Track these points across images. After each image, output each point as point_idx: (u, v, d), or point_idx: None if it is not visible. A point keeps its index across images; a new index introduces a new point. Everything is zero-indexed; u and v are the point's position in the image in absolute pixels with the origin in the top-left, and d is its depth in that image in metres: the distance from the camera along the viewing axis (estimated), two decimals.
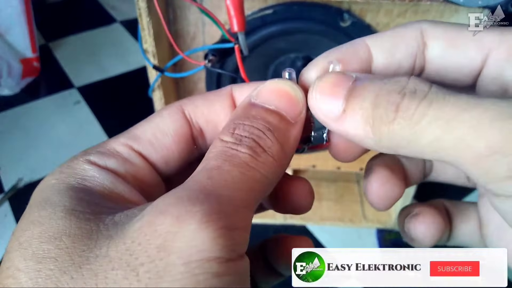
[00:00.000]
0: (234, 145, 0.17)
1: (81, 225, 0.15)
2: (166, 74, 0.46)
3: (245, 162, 0.16)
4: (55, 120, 0.85)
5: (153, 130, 0.20)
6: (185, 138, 0.20)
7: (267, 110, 0.18)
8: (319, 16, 0.49)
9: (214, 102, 0.21)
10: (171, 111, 0.20)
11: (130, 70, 0.96)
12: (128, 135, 0.20)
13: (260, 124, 0.18)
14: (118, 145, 0.19)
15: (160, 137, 0.20)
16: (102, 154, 0.19)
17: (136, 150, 0.19)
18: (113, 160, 0.19)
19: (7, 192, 0.70)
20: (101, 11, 1.17)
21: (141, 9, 0.41)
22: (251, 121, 0.18)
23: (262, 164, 0.17)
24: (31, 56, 0.93)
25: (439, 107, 0.15)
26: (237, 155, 0.17)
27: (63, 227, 0.15)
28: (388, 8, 0.49)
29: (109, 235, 0.15)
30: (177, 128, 0.20)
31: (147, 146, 0.20)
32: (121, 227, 0.15)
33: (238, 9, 0.36)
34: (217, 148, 0.17)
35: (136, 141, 0.19)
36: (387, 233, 0.66)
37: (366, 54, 0.20)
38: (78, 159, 0.18)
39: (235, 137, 0.17)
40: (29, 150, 0.78)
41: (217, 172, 0.16)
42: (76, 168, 0.18)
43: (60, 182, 0.17)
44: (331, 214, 0.68)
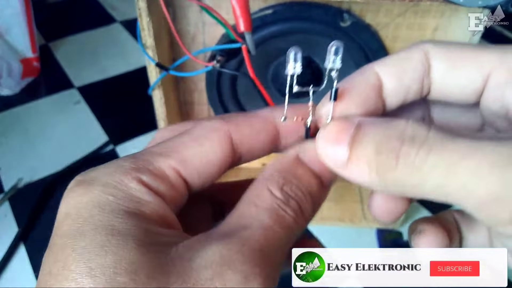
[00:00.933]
0: (283, 204, 0.18)
1: (152, 259, 0.15)
2: (171, 72, 0.45)
3: (290, 225, 0.18)
4: (55, 120, 0.85)
5: (201, 157, 0.20)
6: (227, 165, 0.21)
7: (311, 174, 0.20)
8: (319, 16, 0.49)
9: (260, 134, 0.21)
10: (222, 140, 0.20)
11: (130, 70, 0.96)
12: (177, 156, 0.19)
13: (304, 187, 0.19)
14: (168, 167, 0.19)
15: (208, 166, 0.20)
16: (154, 175, 0.18)
17: (183, 176, 0.20)
18: (164, 185, 0.19)
19: (7, 192, 0.70)
20: (101, 11, 1.17)
21: (141, 9, 0.41)
22: (298, 181, 0.19)
23: (299, 226, 0.19)
24: (31, 56, 0.93)
25: (439, 153, 0.16)
26: (284, 217, 0.18)
27: (137, 260, 0.15)
28: (388, 8, 0.49)
29: (178, 272, 0.15)
30: (224, 158, 0.20)
31: (194, 174, 0.20)
32: (188, 264, 0.16)
33: (244, 9, 0.36)
34: (268, 200, 0.18)
35: (185, 167, 0.19)
36: (387, 233, 0.66)
37: (377, 81, 0.21)
38: (131, 175, 0.18)
39: (284, 195, 0.19)
40: (29, 150, 0.78)
41: (271, 234, 0.18)
42: (131, 188, 0.18)
43: (119, 203, 0.17)
44: (331, 214, 0.68)
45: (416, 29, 0.51)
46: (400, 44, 0.53)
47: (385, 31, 0.51)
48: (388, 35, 0.52)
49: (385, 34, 0.52)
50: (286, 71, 0.21)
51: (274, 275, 0.17)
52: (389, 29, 0.51)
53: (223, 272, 0.15)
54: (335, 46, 0.21)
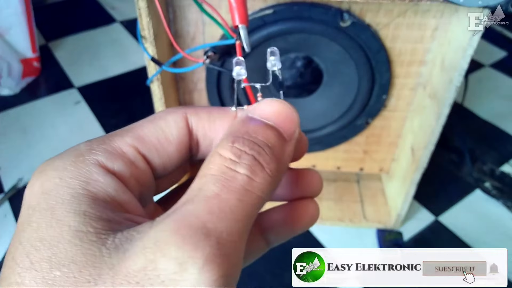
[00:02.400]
0: (233, 163, 0.17)
1: (85, 251, 0.15)
2: (164, 68, 0.45)
3: (243, 186, 0.16)
4: (55, 120, 0.85)
5: (158, 135, 0.19)
6: (185, 147, 0.20)
7: (266, 125, 0.18)
8: (319, 16, 0.49)
9: (216, 120, 0.21)
10: (177, 119, 0.20)
11: (130, 70, 0.96)
12: (133, 134, 0.19)
13: (260, 140, 0.18)
14: (124, 145, 0.19)
15: (165, 143, 0.20)
16: (109, 153, 0.18)
17: (141, 152, 0.19)
18: (120, 162, 0.18)
19: (7, 192, 0.70)
20: (101, 11, 1.17)
21: (141, 9, 0.41)
22: (250, 136, 0.18)
23: (259, 184, 0.17)
24: (31, 56, 0.93)
25: None
26: (235, 178, 0.16)
27: (70, 253, 0.15)
28: (388, 8, 0.49)
29: (112, 264, 0.15)
30: (181, 137, 0.20)
31: (152, 151, 0.19)
32: (123, 256, 0.15)
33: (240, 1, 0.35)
34: (216, 165, 0.17)
35: (142, 143, 0.19)
36: (387, 233, 0.66)
37: None
38: (84, 155, 0.18)
39: (234, 152, 0.17)
40: (29, 150, 0.78)
41: (216, 203, 0.16)
42: (81, 168, 0.17)
43: (64, 185, 0.17)
44: (331, 214, 0.68)
45: (416, 29, 0.51)
46: (400, 44, 0.53)
47: (385, 31, 0.51)
48: (388, 35, 0.52)
49: (385, 34, 0.52)
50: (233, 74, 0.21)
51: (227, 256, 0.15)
52: (389, 29, 0.51)
53: (157, 260, 0.14)
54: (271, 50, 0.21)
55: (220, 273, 0.14)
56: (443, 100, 0.50)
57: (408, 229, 0.67)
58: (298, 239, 0.72)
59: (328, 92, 0.59)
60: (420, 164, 0.56)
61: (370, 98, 0.58)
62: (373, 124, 0.62)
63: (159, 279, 0.14)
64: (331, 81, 0.58)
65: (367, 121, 0.61)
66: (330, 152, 0.65)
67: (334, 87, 0.58)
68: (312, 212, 0.22)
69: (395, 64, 0.55)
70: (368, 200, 0.71)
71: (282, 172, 0.18)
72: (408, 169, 0.60)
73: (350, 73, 0.55)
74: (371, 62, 0.54)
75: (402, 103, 0.59)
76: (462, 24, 0.46)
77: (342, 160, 0.67)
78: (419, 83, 0.56)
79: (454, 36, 0.48)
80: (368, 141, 0.64)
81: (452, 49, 0.48)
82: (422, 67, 0.55)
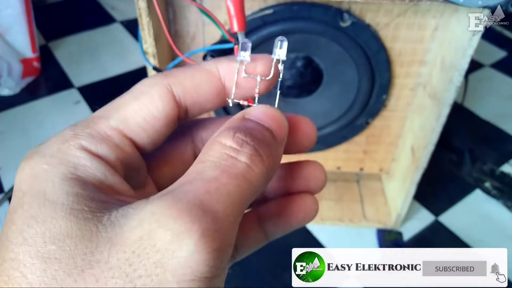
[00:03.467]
0: (235, 151, 0.17)
1: (81, 226, 0.15)
2: None
3: (243, 174, 0.17)
4: (55, 120, 0.85)
5: (143, 113, 0.19)
6: (173, 120, 0.20)
7: (263, 126, 0.19)
8: (319, 16, 0.49)
9: (202, 85, 0.20)
10: (162, 93, 0.20)
11: (130, 70, 0.96)
12: (118, 116, 0.19)
13: (259, 135, 0.18)
14: (109, 128, 0.19)
15: (152, 121, 0.19)
16: (93, 138, 0.18)
17: (126, 135, 0.19)
18: (105, 146, 0.18)
19: (7, 192, 0.70)
20: (101, 11, 1.17)
21: (141, 9, 0.41)
22: (251, 130, 0.18)
23: (256, 174, 0.17)
24: (31, 56, 0.93)
25: None
26: (235, 165, 0.17)
27: (65, 228, 0.15)
28: (388, 8, 0.49)
29: (109, 237, 0.15)
30: (167, 112, 0.20)
31: (138, 131, 0.19)
32: (120, 230, 0.15)
33: (238, 8, 0.36)
34: (216, 152, 0.17)
35: (127, 126, 0.19)
36: (387, 233, 0.66)
37: None
38: (69, 141, 0.18)
39: (236, 140, 0.17)
40: (29, 150, 0.78)
41: (214, 186, 0.16)
42: (67, 154, 0.17)
43: (53, 170, 0.17)
44: (331, 214, 0.68)
45: (416, 29, 0.51)
46: (400, 44, 0.53)
47: (385, 31, 0.51)
48: (388, 35, 0.52)
49: (385, 34, 0.52)
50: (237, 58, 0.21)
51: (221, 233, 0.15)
52: (389, 29, 0.51)
53: (153, 231, 0.15)
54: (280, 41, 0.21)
55: (214, 247, 0.15)
56: (443, 100, 0.50)
57: (408, 229, 0.67)
58: (298, 239, 0.72)
59: (328, 92, 0.59)
60: (420, 164, 0.56)
61: (370, 98, 0.58)
62: (373, 124, 0.62)
63: (155, 248, 0.14)
64: (331, 81, 0.58)
65: (367, 121, 0.61)
66: (330, 152, 0.65)
67: (334, 87, 0.58)
68: (309, 207, 0.22)
69: (395, 64, 0.55)
70: (368, 200, 0.71)
71: (275, 170, 0.19)
72: (408, 169, 0.60)
73: (350, 73, 0.55)
74: (371, 62, 0.54)
75: (402, 103, 0.59)
76: (462, 24, 0.46)
77: (342, 160, 0.67)
78: (419, 83, 0.56)
79: (454, 36, 0.48)
80: (368, 141, 0.64)
81: (452, 49, 0.48)
82: (422, 67, 0.55)
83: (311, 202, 0.22)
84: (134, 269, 0.14)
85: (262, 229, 0.22)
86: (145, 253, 0.14)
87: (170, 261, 0.14)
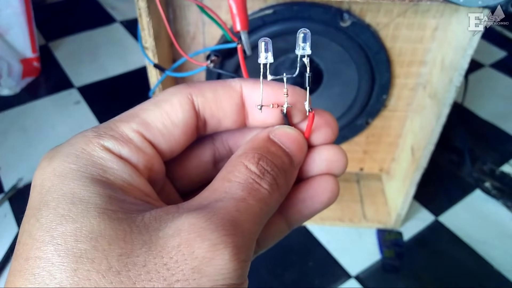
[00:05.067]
0: (258, 178, 0.19)
1: (115, 226, 0.15)
2: (168, 73, 0.46)
3: (265, 199, 0.19)
4: (55, 120, 0.85)
5: (163, 119, 0.19)
6: (191, 129, 0.20)
7: (284, 152, 0.21)
8: (319, 16, 0.49)
9: (222, 99, 0.21)
10: (182, 101, 0.20)
11: (130, 70, 0.96)
12: (138, 120, 0.19)
13: (279, 163, 0.20)
14: (130, 131, 0.19)
15: (171, 128, 0.20)
16: (116, 140, 0.18)
17: (147, 138, 0.19)
18: (127, 149, 0.18)
19: (7, 192, 0.70)
20: (101, 11, 1.17)
21: (141, 9, 0.41)
22: (273, 157, 0.20)
23: (274, 201, 0.19)
24: (31, 56, 0.93)
25: None
26: (259, 191, 0.19)
27: (98, 227, 0.15)
28: (388, 8, 0.49)
29: (144, 240, 0.15)
30: (187, 120, 0.20)
31: (158, 136, 0.19)
32: (155, 234, 0.16)
33: (241, 7, 0.35)
34: (243, 175, 0.19)
35: (147, 129, 0.19)
36: (387, 233, 0.66)
37: None
38: (93, 143, 0.18)
39: (260, 169, 0.19)
40: (29, 150, 0.78)
41: (243, 205, 0.18)
42: (93, 156, 0.17)
43: (81, 170, 0.17)
44: (331, 214, 0.68)
45: (416, 29, 0.51)
46: (400, 44, 0.53)
47: (385, 31, 0.51)
48: (388, 35, 0.52)
49: (385, 34, 0.52)
50: (259, 60, 0.21)
51: (247, 248, 0.17)
52: (389, 29, 0.51)
53: (192, 240, 0.15)
54: (303, 34, 0.21)
55: (243, 258, 0.16)
56: (443, 100, 0.50)
57: (408, 229, 0.67)
58: (298, 239, 0.72)
59: (328, 92, 0.59)
60: (420, 164, 0.56)
61: (370, 98, 0.58)
62: (373, 124, 0.62)
63: (193, 255, 0.15)
64: (331, 81, 0.58)
65: (367, 121, 0.61)
66: None
67: (334, 87, 0.58)
68: (333, 187, 0.22)
69: (395, 64, 0.55)
70: (368, 200, 0.71)
71: (287, 193, 0.21)
72: (408, 169, 0.61)
73: (350, 73, 0.55)
74: (371, 62, 0.54)
75: (402, 103, 0.59)
76: (462, 24, 0.46)
77: None
78: (419, 83, 0.56)
79: (454, 36, 0.48)
80: (368, 141, 0.64)
81: (452, 49, 0.48)
82: (422, 67, 0.55)
83: (333, 182, 0.23)
84: (172, 274, 0.15)
85: (284, 219, 0.23)
86: (183, 260, 0.15)
87: (207, 268, 0.15)
